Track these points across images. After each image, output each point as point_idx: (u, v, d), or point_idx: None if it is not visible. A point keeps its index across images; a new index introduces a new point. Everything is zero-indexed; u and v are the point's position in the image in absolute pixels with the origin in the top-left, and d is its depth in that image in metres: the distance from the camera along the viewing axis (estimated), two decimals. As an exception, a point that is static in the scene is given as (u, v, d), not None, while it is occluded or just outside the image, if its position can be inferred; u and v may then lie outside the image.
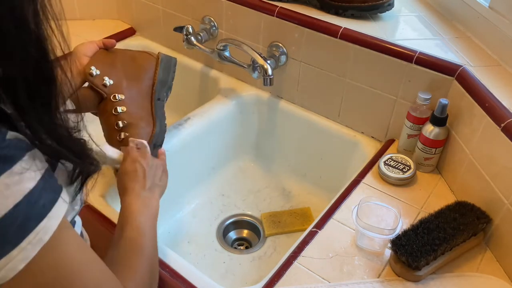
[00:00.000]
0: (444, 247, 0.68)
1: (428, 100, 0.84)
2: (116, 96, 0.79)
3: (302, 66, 1.01)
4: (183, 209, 1.05)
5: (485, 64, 0.84)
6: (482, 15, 0.89)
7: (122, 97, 0.79)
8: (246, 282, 0.90)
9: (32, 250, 0.40)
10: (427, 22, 0.98)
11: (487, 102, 0.74)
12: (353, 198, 0.81)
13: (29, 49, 0.40)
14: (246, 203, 1.09)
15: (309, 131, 1.06)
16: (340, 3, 0.96)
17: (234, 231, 1.04)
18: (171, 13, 1.19)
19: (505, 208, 0.70)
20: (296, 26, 0.97)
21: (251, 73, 1.00)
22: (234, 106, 1.10)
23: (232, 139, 1.14)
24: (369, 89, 0.93)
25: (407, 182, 0.84)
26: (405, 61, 0.86)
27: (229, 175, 1.15)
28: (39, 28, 0.40)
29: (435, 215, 0.73)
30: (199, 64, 1.21)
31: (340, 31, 0.92)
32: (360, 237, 0.72)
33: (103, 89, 0.79)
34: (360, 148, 0.98)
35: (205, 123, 1.03)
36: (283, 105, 1.09)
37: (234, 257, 0.96)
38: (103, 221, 0.77)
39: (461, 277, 0.69)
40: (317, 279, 0.68)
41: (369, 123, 0.98)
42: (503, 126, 0.70)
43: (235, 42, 1.00)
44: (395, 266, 0.68)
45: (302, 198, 1.10)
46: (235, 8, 1.05)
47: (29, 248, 0.40)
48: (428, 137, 0.83)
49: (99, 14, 1.35)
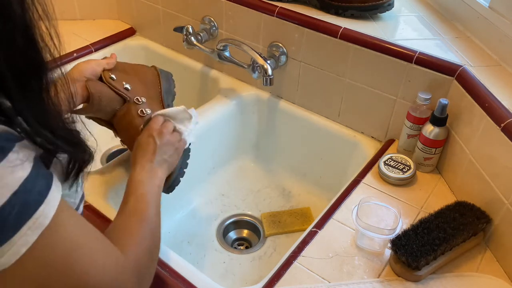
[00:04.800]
0: (444, 247, 0.68)
1: (428, 100, 0.84)
2: (139, 99, 0.80)
3: (302, 66, 1.01)
4: (183, 209, 1.05)
5: (485, 64, 0.84)
6: (482, 15, 0.89)
7: (144, 99, 0.81)
8: (246, 282, 0.90)
9: (32, 235, 0.42)
10: (427, 22, 0.98)
11: (487, 102, 0.74)
12: (353, 198, 0.81)
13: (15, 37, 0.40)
14: (246, 203, 1.09)
15: (309, 131, 1.06)
16: (340, 3, 0.96)
17: (234, 231, 1.04)
18: (171, 13, 1.19)
19: (505, 208, 0.70)
20: (296, 26, 0.97)
21: (251, 73, 1.00)
22: (234, 106, 1.10)
23: (232, 139, 1.14)
24: (369, 89, 0.93)
25: (407, 182, 0.84)
26: (405, 61, 0.86)
27: (229, 175, 1.15)
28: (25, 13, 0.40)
29: (435, 215, 0.73)
30: (199, 64, 1.21)
31: (340, 31, 0.92)
32: (360, 237, 0.72)
33: (126, 92, 0.80)
34: (360, 148, 0.98)
35: (205, 123, 1.03)
36: (283, 105, 1.09)
37: (234, 257, 0.96)
38: (103, 221, 0.76)
39: (461, 277, 0.69)
40: (317, 279, 0.68)
41: (369, 123, 0.98)
42: (503, 126, 0.70)
43: (235, 42, 1.00)
44: (395, 266, 0.68)
45: (302, 198, 1.10)
46: (235, 8, 1.05)
47: (29, 233, 0.41)
48: (428, 137, 0.83)
49: (99, 14, 1.35)
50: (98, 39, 1.24)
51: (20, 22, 0.40)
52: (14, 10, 0.39)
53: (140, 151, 0.71)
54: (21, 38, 0.40)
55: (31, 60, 0.42)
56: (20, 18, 0.40)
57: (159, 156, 0.71)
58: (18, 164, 0.41)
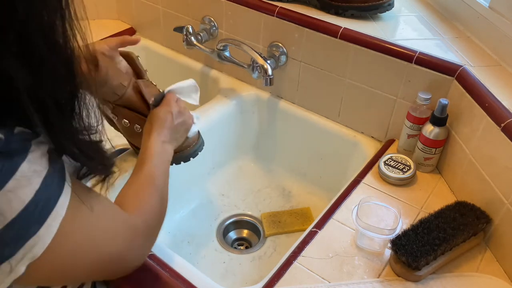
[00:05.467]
0: (444, 247, 0.68)
1: (428, 100, 0.84)
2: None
3: (302, 66, 1.01)
4: (183, 209, 1.05)
5: (485, 64, 0.84)
6: (482, 15, 0.89)
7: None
8: (246, 282, 0.90)
9: (55, 225, 0.44)
10: (427, 22, 0.98)
11: (487, 102, 0.74)
12: (353, 198, 0.81)
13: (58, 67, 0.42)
14: (246, 203, 1.09)
15: (309, 131, 1.06)
16: (340, 3, 0.96)
17: (234, 231, 1.04)
18: (171, 13, 1.19)
19: (505, 208, 0.70)
20: (296, 26, 0.97)
21: (251, 73, 1.00)
22: (234, 106, 1.10)
23: (232, 139, 1.14)
24: (369, 89, 0.93)
25: (407, 182, 0.84)
26: (405, 61, 0.86)
27: (229, 175, 1.15)
28: (67, 45, 0.42)
29: (435, 215, 0.73)
30: (199, 64, 1.21)
31: (340, 31, 0.92)
32: (360, 237, 0.72)
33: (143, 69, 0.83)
34: (360, 148, 0.98)
35: (205, 123, 1.03)
36: (283, 105, 1.09)
37: (234, 257, 0.96)
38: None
39: (461, 277, 0.69)
40: (317, 279, 0.68)
41: (369, 123, 0.98)
42: (503, 126, 0.70)
43: (235, 42, 1.00)
44: (395, 266, 0.68)
45: (302, 198, 1.10)
46: (235, 8, 1.05)
47: (53, 224, 0.44)
48: (428, 137, 0.83)
49: (99, 14, 1.35)
50: (98, 39, 1.23)
51: (64, 52, 0.42)
52: (58, 40, 0.41)
53: (156, 123, 0.74)
54: (64, 67, 0.43)
55: (70, 89, 0.44)
56: (63, 47, 0.42)
57: (173, 134, 0.76)
58: (37, 162, 0.43)
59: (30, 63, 0.40)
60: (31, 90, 0.40)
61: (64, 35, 0.41)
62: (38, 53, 0.40)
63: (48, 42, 0.40)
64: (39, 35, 0.39)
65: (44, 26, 0.39)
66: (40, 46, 0.40)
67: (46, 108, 0.42)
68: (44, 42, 0.40)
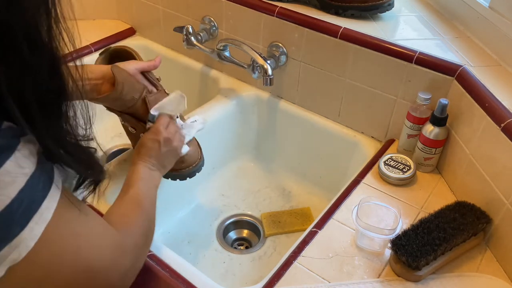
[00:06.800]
0: (444, 247, 0.68)
1: (428, 100, 0.84)
2: None
3: (302, 66, 1.01)
4: (183, 209, 1.05)
5: (485, 64, 0.84)
6: (482, 15, 0.89)
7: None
8: (246, 282, 0.90)
9: (38, 229, 0.43)
10: (427, 22, 0.98)
11: (487, 102, 0.74)
12: (353, 198, 0.81)
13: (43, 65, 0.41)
14: (246, 203, 1.09)
15: (309, 131, 1.06)
16: (340, 3, 0.96)
17: (234, 231, 1.04)
18: (171, 13, 1.19)
19: (505, 208, 0.70)
20: (296, 26, 0.97)
21: (251, 73, 1.00)
22: (234, 106, 1.10)
23: (232, 139, 1.14)
24: (369, 89, 0.93)
25: (407, 182, 0.84)
26: (405, 61, 0.86)
27: (229, 175, 1.15)
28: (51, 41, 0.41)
29: (435, 215, 0.73)
30: (199, 64, 1.21)
31: (340, 31, 0.92)
32: (360, 237, 0.72)
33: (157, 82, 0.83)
34: (360, 148, 0.98)
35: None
36: (283, 105, 1.09)
37: (234, 257, 0.96)
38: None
39: (461, 277, 0.69)
40: (317, 279, 0.68)
41: (369, 123, 0.98)
42: (503, 126, 0.70)
43: (235, 42, 1.00)
44: (395, 266, 0.68)
45: (302, 198, 1.10)
46: (235, 8, 1.05)
47: (36, 227, 0.43)
48: (428, 137, 0.83)
49: (99, 14, 1.35)
50: (98, 39, 1.24)
51: (47, 50, 0.41)
52: (42, 38, 0.40)
53: (143, 150, 0.74)
54: (47, 65, 0.41)
55: (55, 88, 0.43)
56: (47, 46, 0.41)
57: (161, 162, 0.75)
58: (24, 160, 0.41)
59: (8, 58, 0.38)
60: (11, 85, 0.39)
61: (49, 33, 0.40)
62: (19, 48, 0.38)
63: (30, 38, 0.39)
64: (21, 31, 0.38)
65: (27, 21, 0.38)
66: (21, 42, 0.38)
67: (27, 104, 0.40)
68: (26, 38, 0.38)
